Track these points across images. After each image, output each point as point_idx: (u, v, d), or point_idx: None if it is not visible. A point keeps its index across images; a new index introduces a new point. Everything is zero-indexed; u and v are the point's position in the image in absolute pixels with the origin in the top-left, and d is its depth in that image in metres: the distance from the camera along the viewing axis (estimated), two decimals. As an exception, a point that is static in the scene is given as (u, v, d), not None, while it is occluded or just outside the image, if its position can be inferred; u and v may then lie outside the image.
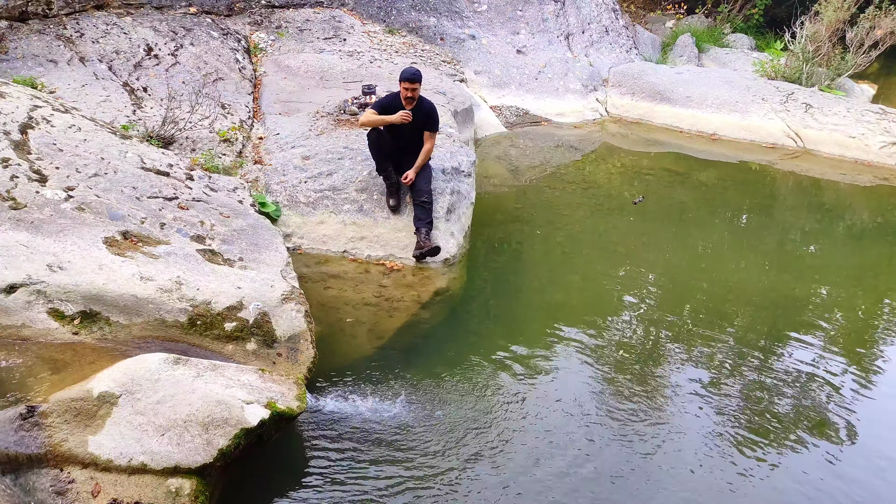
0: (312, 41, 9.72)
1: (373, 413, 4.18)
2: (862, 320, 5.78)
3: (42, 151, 4.83)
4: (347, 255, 5.90)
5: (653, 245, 6.81)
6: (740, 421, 4.41)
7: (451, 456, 3.93)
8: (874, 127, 9.64)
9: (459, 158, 6.68)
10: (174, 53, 8.03)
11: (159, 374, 3.36)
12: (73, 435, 3.11)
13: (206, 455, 3.22)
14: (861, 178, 9.05)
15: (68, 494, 3.03)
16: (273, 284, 4.45)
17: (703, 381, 4.79)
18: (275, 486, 3.70)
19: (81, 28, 7.73)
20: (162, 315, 3.93)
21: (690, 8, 14.40)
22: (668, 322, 5.52)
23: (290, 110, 7.63)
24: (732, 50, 12.99)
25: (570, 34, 11.78)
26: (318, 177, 6.26)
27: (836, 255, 7.05)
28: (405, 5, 10.91)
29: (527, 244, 6.64)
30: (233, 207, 5.38)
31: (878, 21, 11.07)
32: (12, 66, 6.83)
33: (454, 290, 5.67)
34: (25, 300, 3.71)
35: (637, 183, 8.49)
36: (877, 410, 4.65)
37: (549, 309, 5.58)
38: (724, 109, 10.31)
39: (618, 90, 11.14)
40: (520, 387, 4.56)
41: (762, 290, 6.10)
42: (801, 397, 4.70)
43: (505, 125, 9.94)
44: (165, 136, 6.27)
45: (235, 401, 3.40)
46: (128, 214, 4.65)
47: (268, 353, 4.06)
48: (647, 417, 4.37)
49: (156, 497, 3.10)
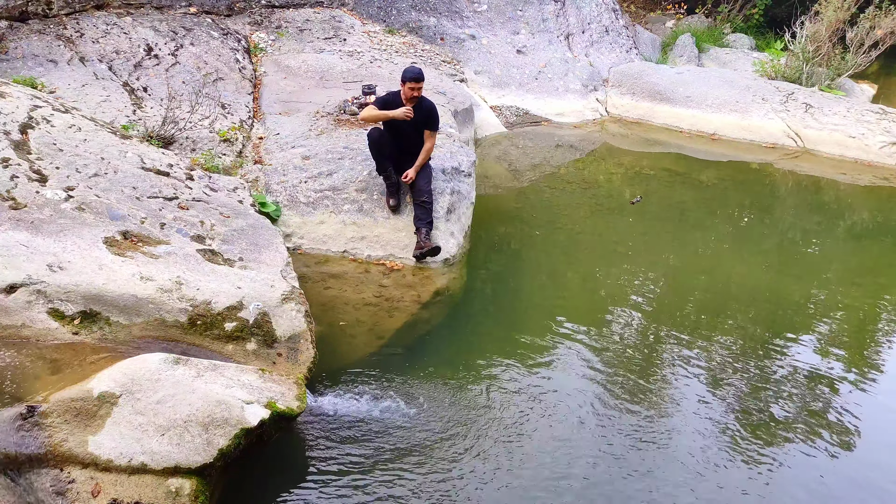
0: (312, 41, 9.72)
1: (373, 413, 4.19)
2: (862, 320, 5.78)
3: (42, 151, 4.83)
4: (347, 255, 5.90)
5: (653, 245, 6.80)
6: (741, 420, 4.41)
7: (450, 456, 3.93)
8: (874, 127, 9.64)
9: (459, 158, 6.68)
10: (174, 53, 8.03)
11: (159, 374, 3.36)
12: (73, 435, 3.11)
13: (206, 455, 3.22)
14: (861, 178, 9.05)
15: (68, 494, 3.03)
16: (273, 284, 4.45)
17: (704, 381, 4.79)
18: (275, 486, 3.70)
19: (81, 28, 7.73)
20: (162, 315, 3.93)
21: (690, 8, 14.39)
22: (669, 322, 5.53)
23: (290, 110, 7.63)
24: (732, 50, 12.99)
25: (570, 34, 11.78)
26: (318, 177, 6.26)
27: (836, 254, 7.05)
28: (405, 5, 10.91)
29: (527, 244, 6.64)
30: (233, 207, 5.38)
31: (878, 21, 11.07)
32: (12, 66, 6.84)
33: (454, 290, 5.67)
34: (25, 300, 3.71)
35: (637, 183, 8.49)
36: (877, 410, 4.65)
37: (550, 309, 5.58)
38: (725, 109, 10.31)
39: (618, 90, 11.14)
40: (520, 386, 4.57)
41: (762, 289, 6.10)
42: (802, 397, 4.70)
43: (505, 125, 9.94)
44: (165, 136, 6.27)
45: (235, 401, 3.41)
46: (128, 214, 4.65)
47: (268, 353, 4.07)
48: (647, 417, 4.38)
49: (156, 497, 3.10)
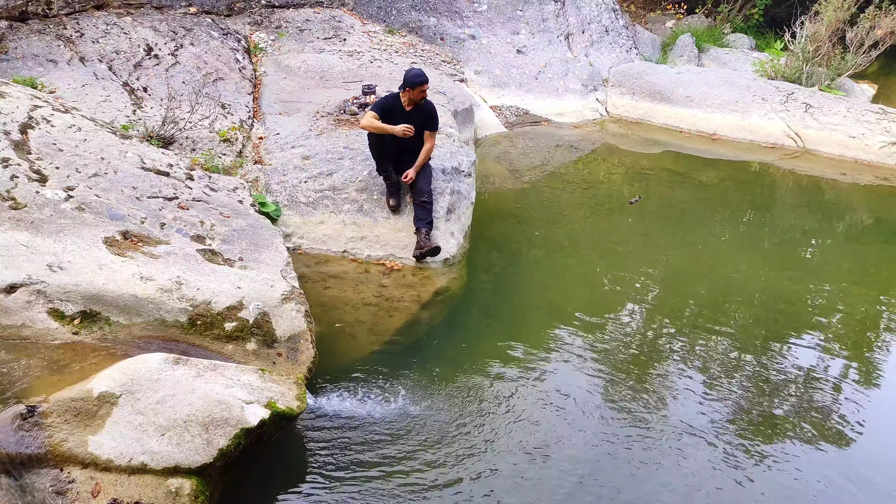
0: (312, 41, 9.72)
1: (373, 413, 4.19)
2: (862, 320, 5.78)
3: (42, 151, 4.83)
4: (347, 255, 5.90)
5: (653, 245, 6.80)
6: (741, 420, 4.41)
7: (451, 456, 3.93)
8: (874, 127, 9.64)
9: (459, 158, 6.68)
10: (174, 53, 8.03)
11: (159, 374, 3.36)
12: (73, 435, 3.11)
13: (206, 455, 3.22)
14: (861, 177, 9.05)
15: (68, 494, 3.03)
16: (273, 284, 4.45)
17: (704, 381, 4.79)
18: (275, 486, 3.70)
19: (81, 28, 7.73)
20: (162, 315, 3.93)
21: (690, 8, 14.39)
22: (669, 322, 5.53)
23: (290, 110, 7.63)
24: (732, 50, 12.98)
25: (570, 34, 11.78)
26: (318, 177, 6.26)
27: (836, 254, 7.05)
28: (405, 5, 10.91)
29: (527, 244, 6.64)
30: (233, 207, 5.38)
31: (878, 21, 11.06)
32: (12, 66, 6.83)
33: (454, 290, 5.67)
34: (25, 300, 3.71)
35: (637, 183, 8.48)
36: (877, 410, 4.65)
37: (550, 309, 5.58)
38: (725, 109, 10.31)
39: (618, 90, 11.14)
40: (520, 386, 4.57)
41: (762, 289, 6.10)
42: (802, 396, 4.70)
43: (505, 125, 9.94)
44: (165, 136, 6.27)
45: (235, 401, 3.41)
46: (128, 214, 4.65)
47: (268, 352, 4.07)
48: (647, 417, 4.38)
49: (156, 497, 3.10)
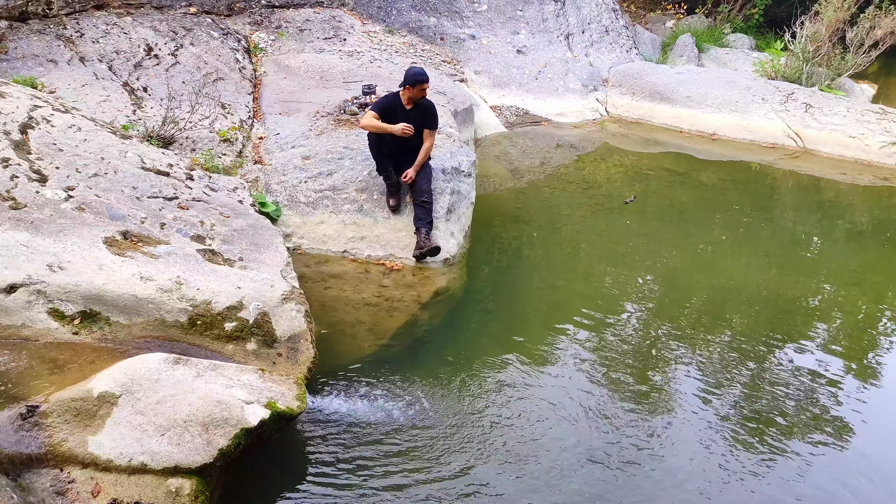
0: (312, 41, 9.72)
1: (373, 413, 4.19)
2: (862, 320, 5.78)
3: (42, 151, 4.83)
4: (347, 255, 5.90)
5: (653, 245, 6.80)
6: (740, 420, 4.41)
7: (450, 456, 3.93)
8: (874, 127, 9.63)
9: (459, 158, 6.68)
10: (174, 53, 8.03)
11: (159, 374, 3.36)
12: (73, 435, 3.11)
13: (206, 455, 3.22)
14: (861, 177, 9.05)
15: (68, 494, 3.03)
16: (273, 284, 4.45)
17: (704, 381, 4.79)
18: (275, 486, 3.70)
19: (81, 28, 7.73)
20: (162, 315, 3.93)
21: (690, 8, 14.38)
22: (669, 322, 5.53)
23: (290, 110, 7.63)
24: (732, 50, 12.98)
25: (570, 34, 11.78)
26: (318, 177, 6.26)
27: (836, 254, 7.05)
28: (405, 5, 10.91)
29: (527, 244, 6.64)
30: (233, 207, 5.38)
31: (878, 21, 11.05)
32: (12, 66, 6.83)
33: (454, 290, 5.67)
34: (25, 300, 3.71)
35: (637, 183, 8.48)
36: (877, 410, 4.65)
37: (549, 308, 5.58)
38: (725, 109, 10.30)
39: (618, 90, 11.14)
40: (520, 386, 4.57)
41: (762, 289, 6.10)
42: (802, 396, 4.70)
43: (505, 125, 9.94)
44: (165, 136, 6.27)
45: (235, 401, 3.41)
46: (128, 214, 4.65)
47: (268, 352, 4.07)
48: (647, 417, 4.38)
49: (156, 497, 3.10)
